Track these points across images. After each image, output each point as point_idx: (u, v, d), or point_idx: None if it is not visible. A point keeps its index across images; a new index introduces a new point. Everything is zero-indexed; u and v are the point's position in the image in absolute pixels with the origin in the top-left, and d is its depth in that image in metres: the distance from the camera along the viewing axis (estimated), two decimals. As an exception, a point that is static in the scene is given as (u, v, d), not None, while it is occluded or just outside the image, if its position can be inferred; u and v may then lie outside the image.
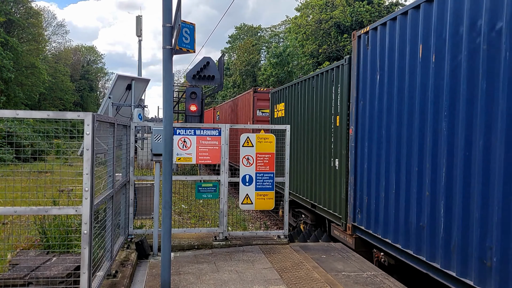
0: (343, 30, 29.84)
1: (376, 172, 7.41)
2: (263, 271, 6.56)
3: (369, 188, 7.68)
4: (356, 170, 8.20)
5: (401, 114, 6.67)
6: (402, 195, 6.56)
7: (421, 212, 6.09)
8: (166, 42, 5.01)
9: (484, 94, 4.90)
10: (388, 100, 7.05)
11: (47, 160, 15.29)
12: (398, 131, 6.74)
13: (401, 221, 6.58)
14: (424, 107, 6.07)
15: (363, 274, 6.52)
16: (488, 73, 4.86)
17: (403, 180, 6.57)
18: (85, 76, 77.22)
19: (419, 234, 6.11)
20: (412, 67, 6.37)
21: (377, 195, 7.39)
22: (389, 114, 7.01)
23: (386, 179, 7.07)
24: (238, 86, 51.41)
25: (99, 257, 5.19)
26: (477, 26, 5.06)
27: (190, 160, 7.71)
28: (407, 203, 6.44)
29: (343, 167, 8.72)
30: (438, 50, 5.75)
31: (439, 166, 5.69)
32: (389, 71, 7.02)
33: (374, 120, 7.52)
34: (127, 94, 11.98)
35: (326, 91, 9.78)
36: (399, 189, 6.67)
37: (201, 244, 7.92)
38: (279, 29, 60.81)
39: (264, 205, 8.02)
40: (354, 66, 8.23)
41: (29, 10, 49.71)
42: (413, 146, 6.30)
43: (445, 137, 5.54)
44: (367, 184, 7.77)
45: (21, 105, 45.24)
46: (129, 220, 7.70)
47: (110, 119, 5.54)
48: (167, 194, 5.25)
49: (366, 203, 7.76)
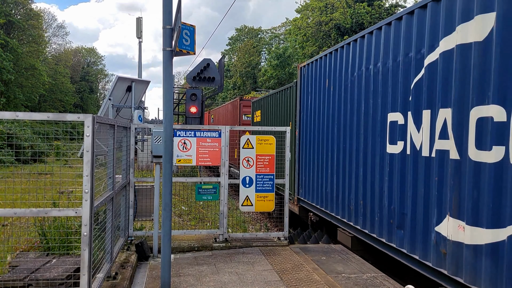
0: (343, 32, 29.86)
1: (309, 161, 10.83)
2: (263, 273, 6.55)
3: (305, 171, 11.07)
4: (299, 160, 11.57)
5: (319, 124, 10.11)
6: (321, 175, 9.93)
7: (327, 184, 9.51)
8: (166, 44, 5.01)
9: (348, 112, 8.54)
10: (314, 114, 10.52)
11: (47, 161, 15.28)
12: (318, 134, 10.19)
13: (321, 191, 9.91)
14: (328, 119, 9.55)
15: (363, 275, 6.51)
16: (351, 100, 8.44)
17: (321, 165, 9.92)
18: (85, 77, 77.24)
19: (328, 198, 9.43)
20: (322, 93, 9.91)
21: (309, 175, 10.81)
22: (314, 123, 10.45)
23: (313, 165, 10.45)
24: (239, 87, 51.46)
25: (99, 259, 5.19)
26: (348, 72, 8.54)
27: (190, 161, 7.71)
28: (323, 180, 9.80)
29: (293, 158, 11.82)
30: (334, 83, 9.24)
31: (334, 156, 9.20)
32: (313, 94, 10.55)
33: (308, 126, 10.88)
34: (127, 95, 11.98)
35: (285, 103, 13.00)
36: (320, 171, 10.02)
37: (201, 246, 7.91)
38: (279, 31, 60.88)
39: (264, 207, 8.01)
40: (299, 89, 11.68)
41: (29, 11, 49.70)
42: (324, 144, 9.78)
43: (336, 138, 9.11)
44: (304, 169, 11.18)
45: (21, 107, 45.27)
46: (129, 222, 7.69)
47: (110, 120, 5.54)
48: (167, 196, 5.25)
49: (304, 181, 11.15)
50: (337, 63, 9.13)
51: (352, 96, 8.34)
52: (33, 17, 49.82)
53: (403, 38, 6.52)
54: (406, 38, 6.47)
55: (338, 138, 8.99)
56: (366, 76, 7.75)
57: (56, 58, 64.69)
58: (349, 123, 8.43)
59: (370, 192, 7.51)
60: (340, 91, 8.90)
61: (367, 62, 7.73)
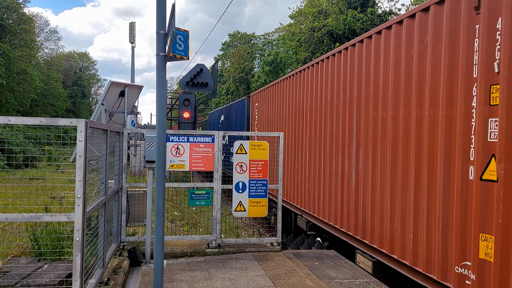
0: (336, 39, 30.00)
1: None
2: (256, 279, 6.55)
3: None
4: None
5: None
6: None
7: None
8: (159, 49, 5.02)
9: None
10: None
11: (39, 166, 15.18)
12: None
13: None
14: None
15: (355, 281, 6.53)
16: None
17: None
18: (77, 82, 76.92)
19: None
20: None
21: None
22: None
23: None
24: (232, 93, 51.46)
25: (91, 265, 5.16)
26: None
27: (183, 167, 7.70)
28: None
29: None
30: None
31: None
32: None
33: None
34: (120, 100, 11.95)
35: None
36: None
37: (194, 251, 7.89)
38: (273, 36, 61.05)
39: (258, 212, 8.01)
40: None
41: (21, 16, 49.50)
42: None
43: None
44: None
45: (12, 112, 44.97)
46: (122, 227, 7.65)
47: (103, 125, 5.53)
48: (160, 201, 5.23)
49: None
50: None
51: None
52: (25, 22, 49.62)
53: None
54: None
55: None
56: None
57: (48, 63, 64.44)
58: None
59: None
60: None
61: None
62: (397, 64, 6.55)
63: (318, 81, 9.69)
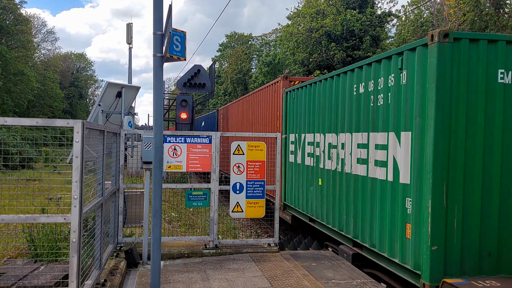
0: (333, 39, 30.03)
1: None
2: (254, 279, 6.54)
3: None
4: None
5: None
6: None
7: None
8: (156, 49, 5.02)
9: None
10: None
11: (35, 167, 15.13)
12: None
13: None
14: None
15: (352, 282, 6.53)
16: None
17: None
18: (74, 83, 76.78)
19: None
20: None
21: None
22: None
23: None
24: (229, 94, 51.41)
25: (87, 266, 5.15)
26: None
27: (181, 168, 7.69)
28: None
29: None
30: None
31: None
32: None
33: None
34: (117, 101, 11.93)
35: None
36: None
37: (191, 252, 7.88)
38: (270, 37, 61.07)
39: (255, 213, 8.01)
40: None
41: (18, 16, 49.39)
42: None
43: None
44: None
45: (9, 113, 44.80)
46: (119, 228, 7.64)
47: (100, 126, 5.52)
48: (157, 202, 5.22)
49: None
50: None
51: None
52: (22, 22, 49.52)
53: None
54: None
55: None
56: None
57: (45, 64, 64.28)
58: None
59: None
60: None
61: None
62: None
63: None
